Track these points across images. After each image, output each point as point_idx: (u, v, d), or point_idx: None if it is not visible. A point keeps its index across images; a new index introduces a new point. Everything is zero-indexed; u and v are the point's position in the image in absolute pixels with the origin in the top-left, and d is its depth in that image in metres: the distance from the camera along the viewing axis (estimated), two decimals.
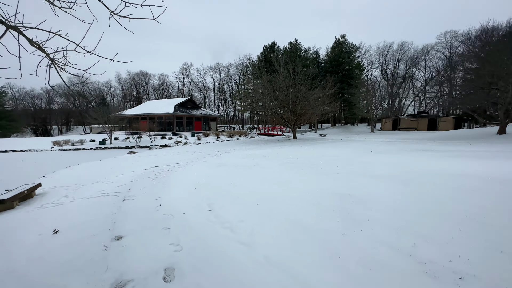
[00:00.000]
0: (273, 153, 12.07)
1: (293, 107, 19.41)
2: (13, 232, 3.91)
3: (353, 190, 4.69)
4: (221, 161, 9.78)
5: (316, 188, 5.00)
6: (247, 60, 54.24)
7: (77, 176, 8.87)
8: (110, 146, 22.41)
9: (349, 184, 5.19)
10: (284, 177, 6.31)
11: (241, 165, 8.56)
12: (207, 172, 7.62)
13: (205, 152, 14.59)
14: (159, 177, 7.31)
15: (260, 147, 16.47)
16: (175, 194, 5.38)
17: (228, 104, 65.81)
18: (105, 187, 6.69)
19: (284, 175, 6.50)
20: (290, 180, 5.91)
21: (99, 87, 66.40)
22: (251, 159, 10.08)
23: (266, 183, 5.73)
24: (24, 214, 4.94)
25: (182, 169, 8.50)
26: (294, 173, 6.72)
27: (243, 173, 7.16)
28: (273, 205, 4.15)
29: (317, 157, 9.95)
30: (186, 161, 10.88)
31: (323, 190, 4.84)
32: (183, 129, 35.02)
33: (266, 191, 5.00)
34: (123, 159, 12.79)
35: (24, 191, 6.00)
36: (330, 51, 42.44)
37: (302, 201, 4.23)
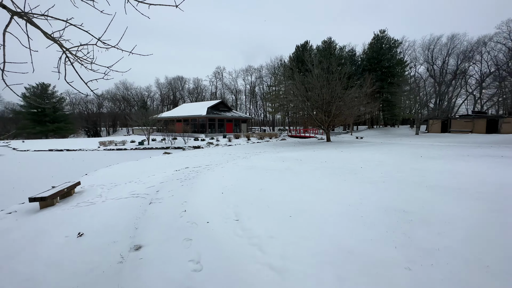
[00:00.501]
0: (305, 156, 11.30)
1: (327, 108, 18.27)
2: (45, 232, 3.93)
3: (409, 205, 3.83)
4: (251, 164, 9.38)
5: (360, 199, 4.24)
6: (278, 61, 53.70)
7: (114, 175, 9.23)
8: (147, 146, 23.69)
9: (402, 196, 4.31)
10: (321, 184, 5.61)
11: (271, 169, 8.03)
12: (236, 175, 7.25)
13: (235, 154, 14.39)
14: (187, 179, 7.16)
15: (291, 150, 15.75)
16: (201, 198, 5.08)
17: (259, 106, 65.92)
18: (136, 187, 6.73)
19: (320, 182, 5.80)
20: (327, 188, 5.20)
21: (141, 92, 71.88)
22: (282, 162, 9.50)
23: (299, 190, 5.11)
24: (60, 213, 5.08)
25: (211, 172, 8.28)
26: (332, 180, 5.97)
27: (273, 178, 6.62)
28: (309, 219, 3.53)
29: (356, 162, 8.95)
30: (216, 163, 10.72)
31: (369, 203, 4.06)
32: (215, 131, 35.77)
33: (300, 201, 4.39)
34: (157, 160, 13.19)
35: (64, 189, 6.28)
36: (368, 48, 39.64)
37: (344, 217, 3.54)
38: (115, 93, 69.61)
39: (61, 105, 50.74)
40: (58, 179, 9.92)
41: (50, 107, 47.32)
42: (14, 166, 13.82)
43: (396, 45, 37.96)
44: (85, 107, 70.03)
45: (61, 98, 50.48)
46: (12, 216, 5.24)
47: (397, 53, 38.35)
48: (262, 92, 62.14)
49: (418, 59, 41.82)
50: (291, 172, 7.33)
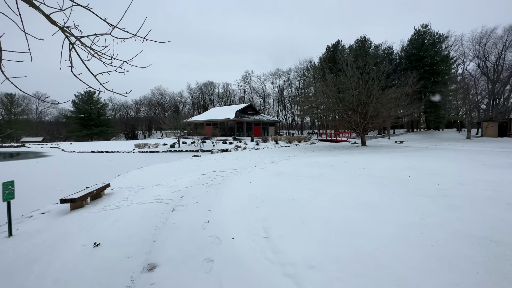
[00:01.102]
0: (340, 161, 10.32)
1: (363, 110, 16.85)
2: (66, 238, 3.77)
3: (496, 231, 2.88)
4: (280, 169, 8.74)
5: (422, 219, 3.36)
6: (308, 63, 52.30)
7: (143, 177, 9.29)
8: (178, 149, 24.37)
9: (481, 218, 3.33)
10: (364, 196, 4.77)
11: (303, 175, 7.31)
12: (265, 181, 6.68)
13: (263, 158, 13.85)
14: (213, 184, 6.78)
15: (323, 154, 14.73)
16: (227, 207, 4.60)
17: (287, 109, 64.88)
18: (161, 192, 6.53)
19: (364, 194, 4.95)
20: (373, 202, 4.36)
21: (174, 97, 75.63)
22: (314, 168, 8.70)
23: (339, 203, 4.35)
24: (86, 216, 4.99)
25: (238, 177, 7.83)
26: (377, 191, 5.07)
27: (306, 185, 5.91)
28: (358, 243, 2.80)
29: (401, 169, 7.80)
30: (243, 167, 10.28)
31: (436, 224, 3.18)
32: (243, 134, 35.75)
33: (342, 218, 3.64)
34: (186, 163, 13.22)
35: (94, 191, 6.31)
36: (407, 44, 36.39)
37: (405, 243, 2.74)
38: (151, 98, 74.16)
39: (104, 110, 55.40)
40: (94, 179, 10.35)
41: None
42: (59, 166, 14.98)
43: (441, 40, 34.29)
44: (125, 112, 75.73)
45: (104, 104, 55.17)
46: (45, 217, 5.31)
47: (442, 49, 34.62)
48: (290, 95, 61.11)
49: (467, 55, 37.33)
50: (326, 180, 6.54)
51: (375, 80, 15.97)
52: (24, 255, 3.35)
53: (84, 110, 51.34)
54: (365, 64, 17.02)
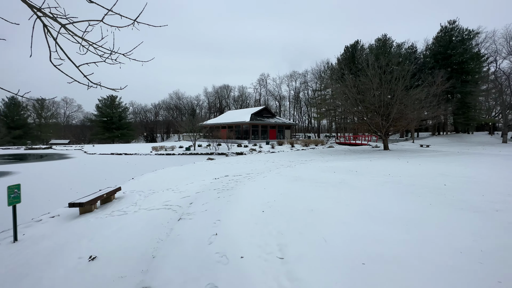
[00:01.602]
0: (361, 167, 9.57)
1: (385, 111, 15.81)
2: (65, 247, 3.52)
3: None
4: (297, 174, 8.19)
5: (477, 244, 2.71)
6: (325, 64, 51.14)
7: (155, 181, 9.14)
8: (193, 152, 24.44)
9: None
10: (395, 208, 4.13)
11: (322, 182, 6.72)
12: (280, 187, 6.19)
13: (279, 162, 13.32)
14: (225, 190, 6.39)
15: (342, 159, 13.93)
16: (237, 217, 4.17)
17: (303, 112, 63.76)
18: (171, 197, 6.24)
19: (394, 205, 4.30)
20: (408, 216, 3.72)
21: (191, 101, 77.16)
22: (333, 174, 8.07)
23: (367, 216, 3.76)
24: (93, 221, 4.79)
25: (251, 182, 7.40)
26: (410, 203, 4.40)
27: (326, 194, 5.34)
28: (398, 276, 2.23)
29: (434, 177, 6.97)
30: (258, 171, 9.84)
31: (496, 251, 2.52)
32: (258, 137, 35.38)
33: (374, 236, 3.07)
34: (199, 166, 13.02)
35: (104, 195, 6.15)
36: (432, 42, 34.29)
37: (465, 280, 2.13)
38: (169, 102, 76.18)
39: (125, 113, 57.58)
40: (109, 182, 10.39)
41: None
42: (79, 168, 15.40)
43: (470, 36, 31.94)
44: (145, 115, 78.39)
45: (125, 108, 57.37)
46: (53, 221, 5.19)
47: (471, 46, 32.24)
48: (306, 98, 60.05)
49: (500, 52, 34.47)
50: (347, 187, 5.91)
51: (400, 79, 14.91)
52: (20, 265, 3.13)
53: (106, 114, 53.66)
54: (387, 63, 16.01)
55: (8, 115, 45.82)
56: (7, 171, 13.49)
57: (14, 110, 46.86)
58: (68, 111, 67.76)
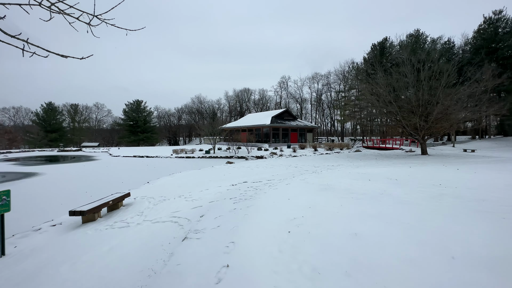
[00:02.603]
0: (401, 174, 8.17)
1: (424, 111, 13.98)
2: (40, 275, 2.83)
3: None
4: (325, 182, 7.08)
5: None
6: (350, 64, 48.73)
7: (170, 186, 8.54)
8: (213, 155, 24.05)
9: None
10: (475, 237, 2.93)
11: (358, 192, 5.57)
12: (307, 199, 5.16)
13: (302, 167, 12.20)
14: (242, 200, 5.51)
15: (374, 164, 12.44)
16: (256, 239, 3.25)
17: (326, 115, 61.43)
18: (182, 206, 5.49)
19: (478, 235, 3.07)
20: (505, 254, 2.52)
21: (212, 105, 78.21)
22: (369, 182, 6.84)
23: (439, 251, 2.63)
24: (89, 235, 4.15)
25: (273, 190, 6.44)
26: (502, 230, 3.15)
27: (368, 209, 4.22)
28: None
29: (503, 189, 5.48)
30: (280, 177, 8.85)
31: None
32: (279, 141, 34.29)
33: (454, 284, 1.96)
34: (218, 170, 12.33)
35: (109, 202, 5.57)
36: (474, 36, 30.96)
37: None
38: (191, 106, 77.87)
39: (150, 117, 59.65)
40: (126, 185, 10.03)
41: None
42: (100, 170, 15.51)
43: None
44: (168, 119, 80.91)
45: (150, 112, 59.46)
46: (51, 231, 4.65)
47: None
48: (329, 100, 57.82)
49: None
50: (393, 201, 4.72)
51: (444, 74, 13.06)
52: None
53: (132, 118, 55.94)
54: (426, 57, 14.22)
55: (45, 119, 49.53)
56: (34, 172, 13.89)
57: (51, 114, 50.55)
58: (99, 115, 72.01)
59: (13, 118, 67.41)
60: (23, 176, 12.52)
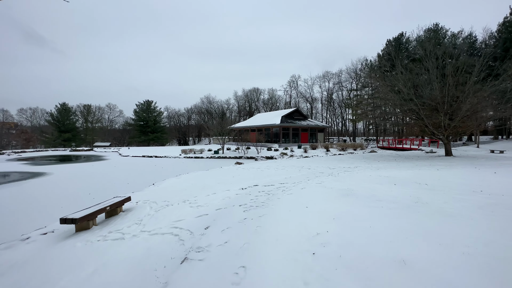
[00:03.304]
0: (429, 178, 7.27)
1: (449, 109, 12.85)
2: None
3: None
4: (345, 186, 6.31)
5: None
6: (362, 61, 47.10)
7: (175, 188, 7.98)
8: (222, 155, 23.54)
9: None
10: None
11: (386, 200, 4.79)
12: (329, 207, 4.43)
13: (316, 169, 11.40)
14: (253, 208, 4.84)
15: (395, 166, 11.48)
16: (272, 264, 2.57)
17: (337, 114, 59.84)
18: (185, 213, 4.88)
19: None
20: None
21: (221, 105, 78.03)
22: (394, 187, 6.03)
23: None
24: (77, 249, 3.60)
25: (287, 196, 5.74)
26: None
27: (407, 224, 3.45)
28: None
29: None
30: (293, 180, 8.12)
31: None
32: (289, 141, 33.44)
33: None
34: (226, 171, 11.73)
35: (106, 207, 5.03)
36: (498, 29, 28.99)
37: None
38: (200, 107, 77.96)
39: (160, 117, 60.04)
40: (131, 186, 9.60)
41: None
42: (107, 170, 15.25)
43: None
44: (178, 120, 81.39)
45: (160, 112, 59.87)
46: (39, 242, 4.14)
47: None
48: (340, 99, 56.25)
49: None
50: (433, 212, 3.92)
51: (476, 67, 11.88)
52: None
53: (142, 118, 56.47)
54: (453, 50, 13.08)
55: (59, 119, 50.70)
56: (41, 172, 13.76)
57: (65, 115, 51.71)
58: (111, 116, 73.25)
59: (30, 118, 69.71)
60: (30, 176, 12.36)
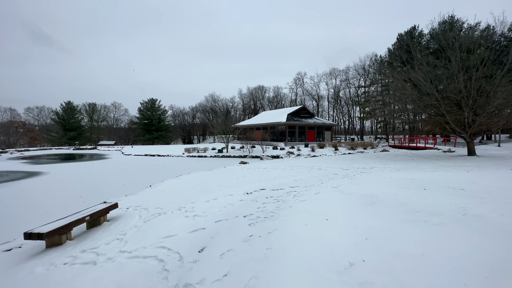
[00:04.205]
0: (463, 181, 6.25)
1: (473, 104, 11.68)
2: None
3: None
4: (366, 191, 5.37)
5: None
6: (372, 57, 45.47)
7: (173, 191, 7.16)
8: (226, 154, 22.72)
9: None
10: None
11: (424, 210, 3.85)
12: (353, 219, 3.52)
13: (328, 170, 10.44)
14: (261, 219, 3.96)
15: (415, 167, 10.43)
16: None
17: (344, 112, 58.40)
18: (178, 226, 4.03)
19: None
20: None
21: (226, 103, 77.24)
22: (425, 192, 5.08)
23: None
24: (39, 274, 2.78)
25: (300, 203, 4.84)
26: None
27: (469, 248, 2.51)
28: None
29: None
30: (305, 183, 7.20)
31: None
32: (295, 139, 32.42)
33: None
34: (230, 172, 10.88)
35: (86, 218, 4.22)
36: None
37: None
38: (205, 105, 77.34)
39: (164, 116, 59.59)
40: (128, 188, 8.85)
41: None
42: (107, 170, 14.58)
43: None
44: (183, 118, 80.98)
45: (164, 111, 59.43)
46: (1, 260, 3.35)
47: None
48: (348, 97, 54.81)
49: None
50: (489, 228, 2.97)
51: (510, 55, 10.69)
52: None
53: (147, 116, 56.11)
54: (478, 40, 11.89)
55: (65, 118, 50.70)
56: (38, 172, 13.15)
57: (70, 113, 51.69)
58: (117, 114, 73.26)
59: (36, 117, 70.26)
60: (23, 176, 11.75)
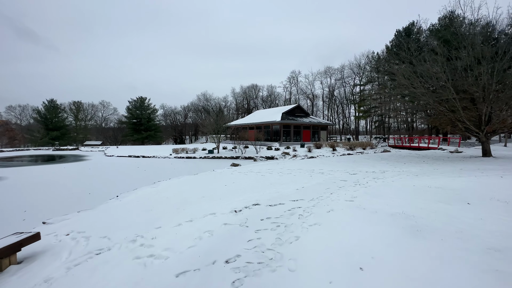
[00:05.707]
0: (506, 190, 4.84)
1: (494, 98, 10.41)
2: None
3: None
4: (396, 208, 3.88)
5: None
6: (369, 54, 44.51)
7: (139, 206, 5.51)
8: (217, 155, 21.07)
9: None
10: None
11: (503, 247, 2.33)
12: (399, 265, 1.98)
13: (332, 174, 8.94)
14: (251, 274, 2.39)
15: (433, 171, 9.06)
16: None
17: (339, 112, 57.43)
18: (119, 281, 2.42)
19: None
20: None
21: (219, 102, 75.32)
22: (472, 208, 3.61)
23: None
24: None
25: (311, 232, 3.31)
26: None
27: None
28: None
29: None
30: (309, 195, 5.65)
31: None
32: (290, 139, 31.01)
33: None
34: (218, 177, 9.27)
35: None
36: None
37: None
38: (197, 104, 75.24)
39: (154, 115, 57.26)
40: (93, 199, 7.14)
41: None
42: (78, 174, 12.74)
43: None
44: (174, 118, 78.57)
45: (154, 109, 57.11)
46: None
47: None
48: (342, 96, 53.87)
49: None
50: None
51: None
52: None
53: (136, 116, 53.70)
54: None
55: (47, 117, 47.83)
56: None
57: (53, 112, 48.83)
58: (105, 113, 70.36)
59: (19, 116, 66.61)
60: None
